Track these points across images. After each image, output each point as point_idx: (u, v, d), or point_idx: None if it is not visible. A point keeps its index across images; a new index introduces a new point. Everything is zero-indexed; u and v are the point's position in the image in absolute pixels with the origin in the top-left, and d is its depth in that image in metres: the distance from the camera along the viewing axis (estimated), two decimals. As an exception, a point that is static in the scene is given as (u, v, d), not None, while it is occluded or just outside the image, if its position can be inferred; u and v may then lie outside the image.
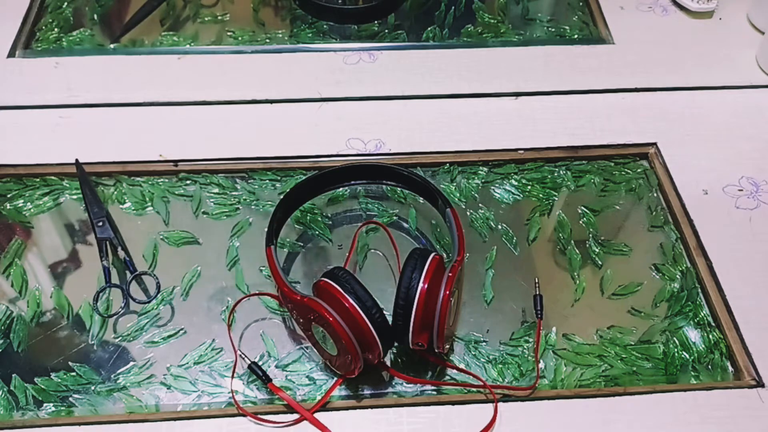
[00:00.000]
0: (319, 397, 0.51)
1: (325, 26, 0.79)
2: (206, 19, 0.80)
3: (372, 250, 0.60)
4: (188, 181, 0.65)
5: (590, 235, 0.62)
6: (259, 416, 0.50)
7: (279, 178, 0.65)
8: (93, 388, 0.52)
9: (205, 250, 0.60)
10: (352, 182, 0.61)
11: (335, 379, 0.52)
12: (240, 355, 0.53)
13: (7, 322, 0.55)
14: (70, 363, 0.53)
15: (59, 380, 0.52)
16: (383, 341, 0.47)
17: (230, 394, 0.51)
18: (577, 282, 0.58)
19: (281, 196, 0.53)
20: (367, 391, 0.52)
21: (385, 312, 0.48)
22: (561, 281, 0.59)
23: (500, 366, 0.53)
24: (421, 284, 0.47)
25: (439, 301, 0.47)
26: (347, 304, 0.46)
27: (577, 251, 0.60)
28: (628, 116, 0.70)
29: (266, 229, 0.53)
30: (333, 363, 0.50)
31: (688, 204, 0.63)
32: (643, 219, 0.63)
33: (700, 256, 0.59)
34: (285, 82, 0.71)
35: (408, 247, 0.60)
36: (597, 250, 0.61)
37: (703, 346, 0.55)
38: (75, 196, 0.63)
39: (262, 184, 0.64)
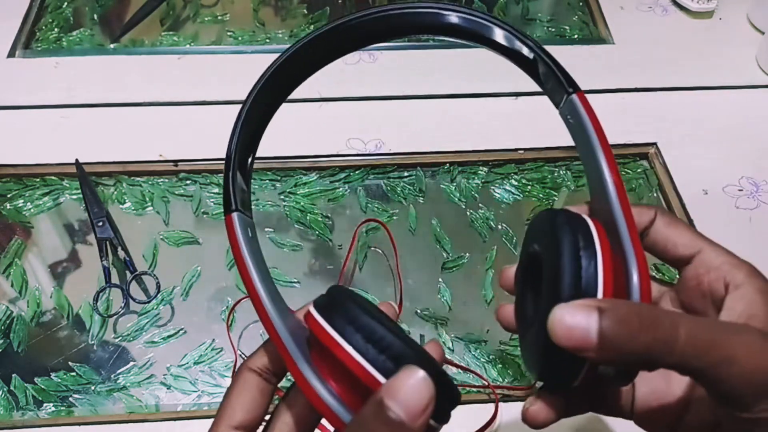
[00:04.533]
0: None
1: (325, 26, 0.79)
2: (206, 19, 0.80)
3: (372, 248, 0.60)
4: (188, 181, 0.65)
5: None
6: (259, 416, 0.50)
7: (279, 178, 0.65)
8: (93, 388, 0.52)
9: (205, 250, 0.60)
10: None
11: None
12: (240, 355, 0.53)
13: (7, 322, 0.55)
14: (70, 363, 0.53)
15: (59, 380, 0.52)
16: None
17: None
18: (577, 282, 0.58)
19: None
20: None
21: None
22: (561, 281, 0.59)
23: (500, 366, 0.53)
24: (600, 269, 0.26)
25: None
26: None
27: (577, 251, 0.60)
28: (628, 116, 0.70)
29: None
30: None
31: (688, 204, 0.63)
32: (643, 219, 0.63)
33: (700, 256, 0.59)
34: (285, 82, 0.71)
35: (408, 246, 0.60)
36: (597, 250, 0.60)
37: (703, 346, 0.55)
38: (75, 196, 0.63)
39: (262, 184, 0.64)
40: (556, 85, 0.31)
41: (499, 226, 0.62)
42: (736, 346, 0.24)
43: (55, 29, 0.78)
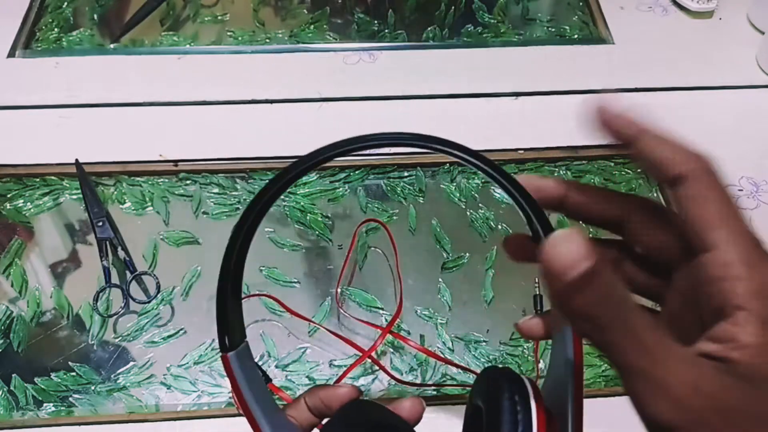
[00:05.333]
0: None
1: (325, 26, 0.79)
2: (206, 19, 0.80)
3: (372, 249, 0.60)
4: (188, 181, 0.65)
5: (590, 235, 0.62)
6: (259, 416, 0.50)
7: (279, 178, 0.65)
8: (93, 388, 0.52)
9: (205, 250, 0.60)
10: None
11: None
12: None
13: (7, 322, 0.55)
14: (70, 363, 0.53)
15: (59, 380, 0.52)
16: None
17: (230, 394, 0.51)
18: (577, 282, 0.58)
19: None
20: (367, 392, 0.52)
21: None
22: (561, 281, 0.58)
23: (500, 366, 0.53)
24: None
25: None
26: None
27: (577, 251, 0.60)
28: (628, 116, 0.69)
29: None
30: None
31: (688, 204, 0.62)
32: (643, 219, 0.63)
33: (700, 256, 0.59)
34: (285, 82, 0.71)
35: (408, 246, 0.60)
36: (597, 250, 0.60)
37: (703, 346, 0.55)
38: (75, 196, 0.63)
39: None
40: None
41: (499, 226, 0.62)
42: None
43: (55, 29, 0.78)
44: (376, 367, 0.53)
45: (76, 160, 0.63)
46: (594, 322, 0.22)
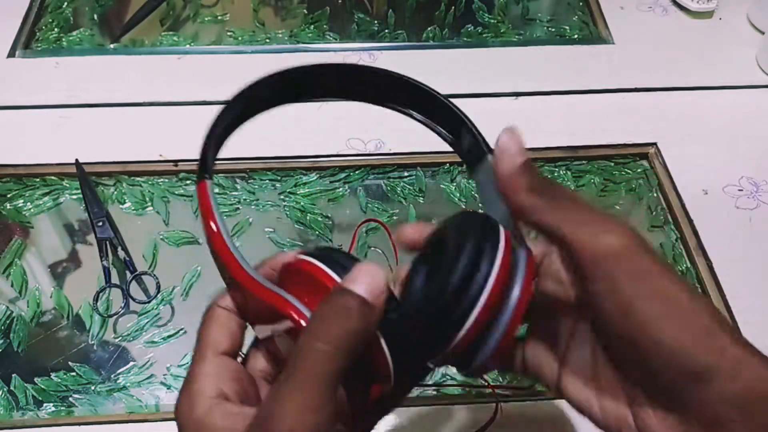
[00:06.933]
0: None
1: (325, 26, 0.79)
2: (206, 19, 0.80)
3: (372, 249, 0.60)
4: (188, 181, 0.65)
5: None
6: (259, 416, 0.50)
7: (279, 178, 0.65)
8: (93, 388, 0.52)
9: (205, 250, 0.60)
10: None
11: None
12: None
13: (7, 322, 0.55)
14: (70, 363, 0.53)
15: (59, 380, 0.52)
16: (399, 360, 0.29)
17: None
18: (577, 282, 0.58)
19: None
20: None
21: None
22: (561, 281, 0.58)
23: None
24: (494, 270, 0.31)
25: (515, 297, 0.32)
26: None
27: (577, 251, 0.60)
28: (628, 116, 0.70)
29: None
30: None
31: (688, 204, 0.63)
32: (643, 219, 0.63)
33: (700, 256, 0.59)
34: (285, 82, 0.71)
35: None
36: (597, 250, 0.60)
37: (703, 346, 0.55)
38: (75, 196, 0.63)
39: (262, 184, 0.64)
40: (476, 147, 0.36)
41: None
42: None
43: (55, 29, 0.78)
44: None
45: (76, 160, 0.63)
46: (532, 190, 0.32)
